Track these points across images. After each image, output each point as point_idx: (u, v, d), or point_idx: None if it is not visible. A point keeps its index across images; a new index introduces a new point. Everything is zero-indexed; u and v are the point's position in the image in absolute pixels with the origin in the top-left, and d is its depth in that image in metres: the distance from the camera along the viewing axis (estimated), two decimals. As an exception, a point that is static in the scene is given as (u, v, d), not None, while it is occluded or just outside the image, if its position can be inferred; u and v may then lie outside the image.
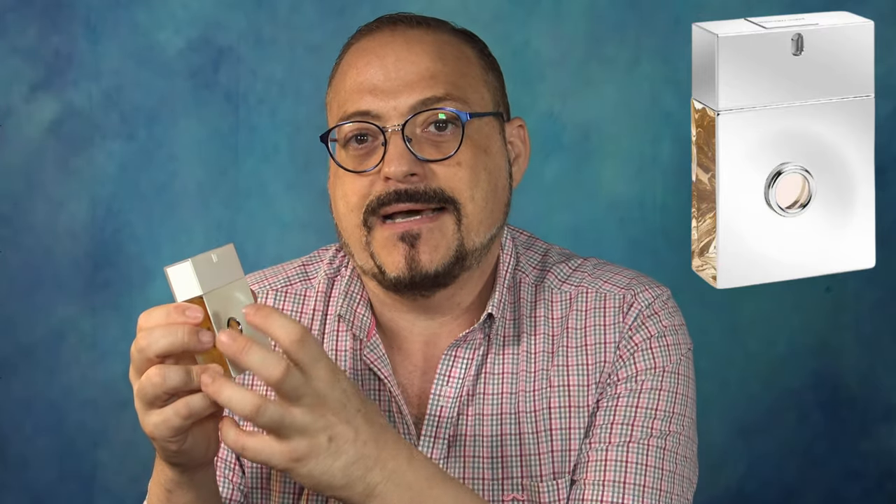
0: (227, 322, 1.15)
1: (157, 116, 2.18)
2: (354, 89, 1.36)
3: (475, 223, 1.35)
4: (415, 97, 1.34)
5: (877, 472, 2.31)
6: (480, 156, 1.36)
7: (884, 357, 2.28)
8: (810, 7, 1.35)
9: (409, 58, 1.36)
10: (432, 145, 1.35)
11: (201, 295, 1.14)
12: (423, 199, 1.33)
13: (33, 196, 2.18)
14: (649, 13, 2.18)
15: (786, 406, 2.28)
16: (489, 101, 1.40)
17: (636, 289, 1.42)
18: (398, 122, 1.33)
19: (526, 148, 1.46)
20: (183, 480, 1.24)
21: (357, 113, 1.35)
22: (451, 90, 1.35)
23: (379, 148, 1.35)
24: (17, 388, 2.20)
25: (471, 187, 1.35)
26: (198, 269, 1.15)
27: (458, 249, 1.35)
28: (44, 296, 2.19)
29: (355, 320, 1.41)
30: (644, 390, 1.37)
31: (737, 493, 2.28)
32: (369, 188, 1.35)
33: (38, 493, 2.22)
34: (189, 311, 1.13)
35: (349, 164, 1.36)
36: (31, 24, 2.15)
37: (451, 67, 1.37)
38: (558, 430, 1.37)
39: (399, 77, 1.35)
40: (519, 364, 1.39)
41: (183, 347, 1.13)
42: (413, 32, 1.38)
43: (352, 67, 1.38)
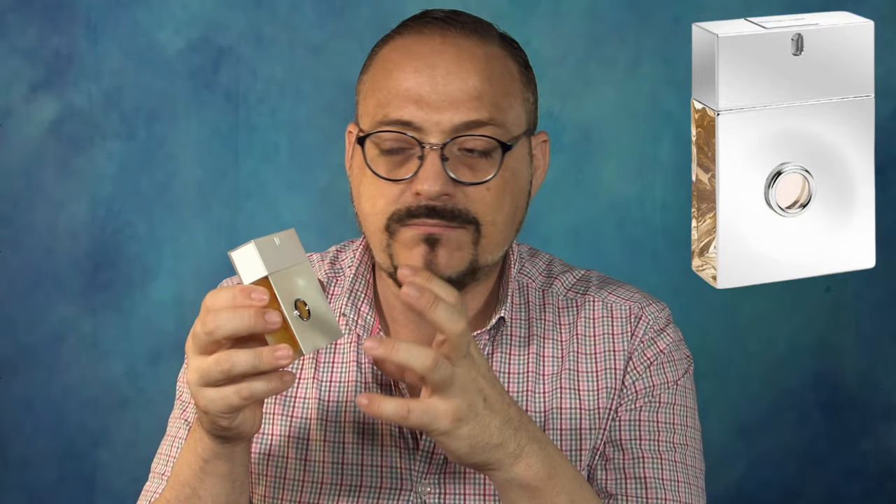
0: (294, 303, 1.16)
1: (157, 116, 2.18)
2: (399, 94, 1.35)
3: (491, 244, 1.37)
4: (459, 117, 1.34)
5: (877, 472, 2.31)
6: (509, 179, 1.37)
7: (884, 357, 2.28)
8: (810, 7, 1.35)
9: (458, 73, 1.35)
10: (467, 167, 1.35)
11: (267, 276, 1.15)
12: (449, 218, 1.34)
13: (33, 196, 2.18)
14: (649, 13, 2.18)
15: (786, 406, 2.28)
16: (524, 120, 1.40)
17: (641, 302, 1.45)
18: (438, 141, 1.33)
19: (545, 161, 1.47)
20: (223, 452, 1.25)
21: (398, 121, 1.34)
22: (495, 113, 1.35)
23: (414, 159, 1.34)
24: (17, 388, 2.20)
25: (494, 211, 1.36)
26: (261, 250, 1.15)
27: (472, 263, 1.36)
28: (44, 296, 2.19)
29: (359, 319, 1.42)
30: (662, 405, 1.41)
31: (737, 493, 2.28)
32: (399, 196, 1.34)
33: (38, 493, 2.22)
34: (255, 293, 1.14)
35: (381, 168, 1.36)
36: (31, 24, 2.16)
37: (496, 87, 1.37)
38: (568, 431, 1.39)
39: (446, 92, 1.34)
40: (528, 365, 1.41)
41: (250, 330, 1.14)
42: (465, 43, 1.37)
43: (397, 68, 1.37)
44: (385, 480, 1.37)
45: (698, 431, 1.43)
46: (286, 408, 1.41)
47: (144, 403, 2.20)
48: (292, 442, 1.40)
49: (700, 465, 1.42)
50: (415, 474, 1.36)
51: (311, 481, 1.39)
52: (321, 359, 1.42)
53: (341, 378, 1.41)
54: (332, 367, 1.42)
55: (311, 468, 1.39)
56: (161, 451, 1.46)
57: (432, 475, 1.36)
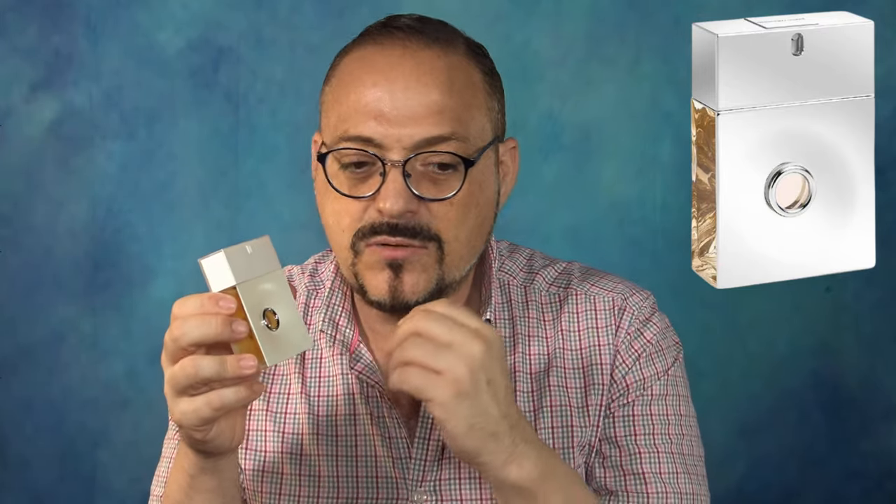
0: (262, 313, 1.16)
1: (157, 116, 2.18)
2: (358, 109, 1.33)
3: (456, 260, 1.35)
4: (420, 133, 1.31)
5: (877, 472, 2.31)
6: (475, 193, 1.35)
7: (884, 357, 2.28)
8: (810, 7, 1.35)
9: (417, 87, 1.32)
10: (431, 182, 1.33)
11: (234, 285, 1.15)
12: (411, 235, 1.32)
13: (33, 196, 2.18)
14: (649, 13, 2.18)
15: (786, 406, 2.28)
16: (489, 130, 1.37)
17: (625, 293, 1.43)
18: (399, 157, 1.31)
19: (515, 166, 1.44)
20: (206, 466, 1.25)
21: (359, 138, 1.32)
22: (457, 128, 1.32)
23: (376, 175, 1.32)
24: (17, 388, 2.20)
25: (457, 227, 1.33)
26: (231, 259, 1.16)
27: (438, 282, 1.34)
28: (44, 296, 2.19)
29: (337, 334, 1.41)
30: (655, 397, 1.39)
31: (737, 494, 2.28)
32: (362, 213, 1.33)
33: (38, 493, 2.22)
34: (223, 301, 1.15)
35: (344, 184, 1.34)
36: (31, 24, 2.16)
37: (458, 100, 1.33)
38: (559, 429, 1.38)
39: (407, 107, 1.31)
40: (514, 364, 1.40)
41: (216, 338, 1.15)
42: (425, 54, 1.34)
43: (357, 81, 1.34)
44: (381, 491, 1.36)
45: (693, 418, 1.42)
46: (277, 424, 1.41)
47: (144, 403, 2.20)
48: (286, 458, 1.40)
49: (698, 452, 1.40)
50: (410, 483, 1.36)
51: (307, 496, 1.39)
52: (308, 374, 1.41)
53: (329, 392, 1.40)
54: (320, 382, 1.41)
55: (306, 483, 1.39)
56: (158, 472, 1.45)
57: (427, 483, 1.36)
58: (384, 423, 1.38)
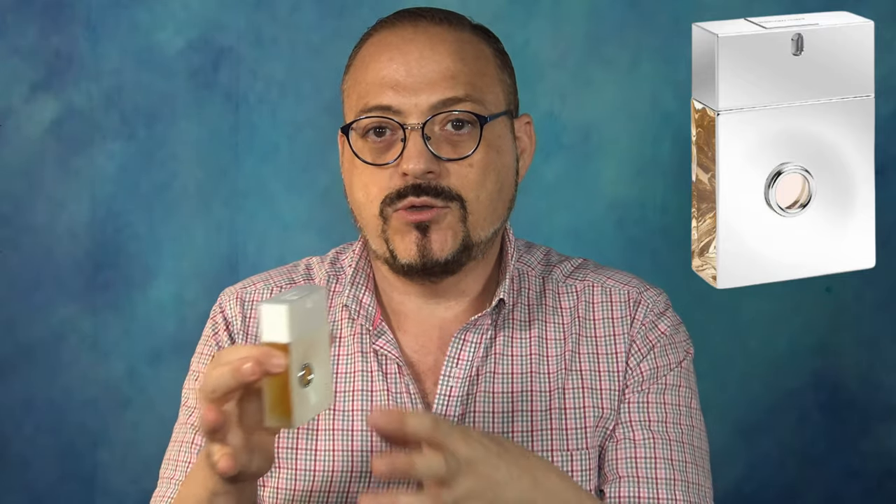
0: (303, 366, 1.17)
1: (157, 116, 2.18)
2: (376, 83, 1.40)
3: (479, 219, 1.41)
4: (436, 96, 1.39)
5: (877, 472, 2.31)
6: (492, 155, 1.41)
7: (884, 357, 2.28)
8: (810, 7, 1.35)
9: (431, 56, 1.40)
10: (449, 144, 1.40)
11: (288, 343, 1.15)
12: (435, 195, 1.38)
13: (33, 196, 2.18)
14: (649, 13, 2.18)
15: (786, 406, 2.28)
16: (503, 100, 1.45)
17: (639, 287, 1.50)
18: (418, 121, 1.38)
19: (532, 143, 1.51)
20: (231, 489, 1.25)
21: (378, 107, 1.39)
22: (471, 91, 1.40)
23: (398, 142, 1.39)
24: (17, 388, 2.20)
25: (477, 187, 1.40)
26: (292, 315, 1.15)
27: (465, 241, 1.40)
28: (44, 296, 2.19)
29: (361, 309, 1.46)
30: (668, 386, 1.44)
31: (736, 494, 2.28)
32: (388, 181, 1.39)
33: (38, 493, 2.22)
34: (275, 358, 1.15)
35: (368, 155, 1.41)
36: (31, 24, 2.15)
37: (471, 67, 1.41)
38: (572, 410, 1.43)
39: (421, 74, 1.39)
40: (531, 348, 1.45)
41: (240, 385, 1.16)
42: (435, 30, 1.42)
43: (373, 60, 1.42)
44: None
45: (701, 414, 1.47)
46: None
47: (144, 403, 2.20)
48: (301, 433, 1.43)
49: (705, 447, 1.45)
50: None
51: (321, 470, 1.42)
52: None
53: (347, 369, 1.45)
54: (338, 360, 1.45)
55: (321, 457, 1.42)
56: (168, 456, 1.47)
57: None
58: (402, 399, 1.42)
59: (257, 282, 1.53)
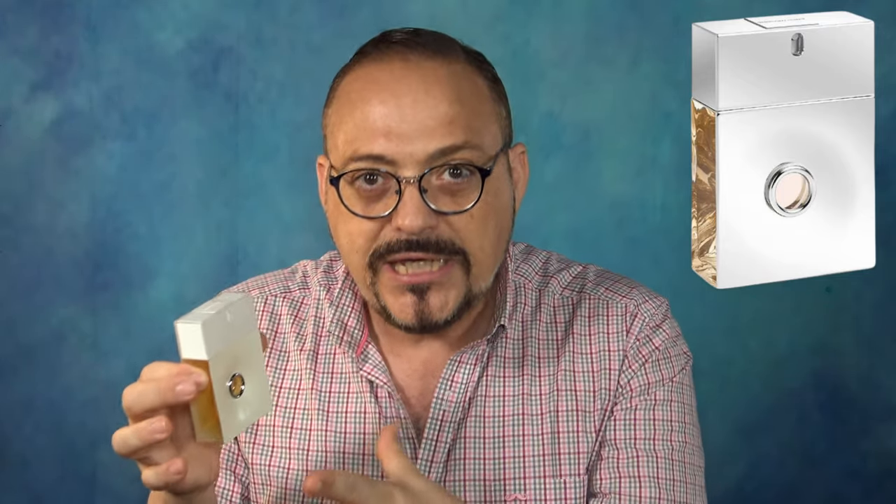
0: (231, 376, 1.15)
1: (157, 116, 2.18)
2: (366, 127, 1.30)
3: (483, 270, 1.33)
4: (433, 144, 1.28)
5: (877, 472, 2.31)
6: (492, 203, 1.33)
7: (884, 357, 2.28)
8: (810, 7, 1.35)
9: (426, 100, 1.29)
10: (447, 194, 1.30)
11: (206, 360, 1.13)
12: (434, 250, 1.30)
13: (33, 196, 2.18)
14: (649, 13, 2.18)
15: (786, 406, 2.28)
16: (500, 137, 1.35)
17: (638, 299, 1.42)
18: (414, 173, 1.28)
19: (525, 172, 1.43)
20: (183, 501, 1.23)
21: (369, 156, 1.29)
22: (469, 136, 1.30)
23: (390, 193, 1.29)
24: (17, 388, 2.20)
25: (480, 237, 1.31)
26: (207, 332, 1.12)
27: (467, 295, 1.33)
28: (44, 296, 2.19)
29: (344, 335, 1.40)
30: (658, 402, 1.38)
31: (737, 493, 2.28)
32: (378, 232, 1.30)
33: (38, 493, 2.22)
34: (194, 375, 1.12)
35: (357, 204, 1.31)
36: (31, 24, 2.16)
37: (468, 108, 1.31)
38: (565, 433, 1.38)
39: (416, 120, 1.28)
40: (524, 368, 1.39)
41: (163, 405, 1.15)
42: (428, 65, 1.31)
43: (362, 100, 1.31)
44: None
45: (696, 428, 1.41)
46: (286, 419, 1.41)
47: (144, 403, 2.20)
48: (294, 453, 1.40)
49: (699, 463, 1.40)
50: None
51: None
52: (319, 370, 1.41)
53: (340, 389, 1.41)
54: (331, 378, 1.41)
55: None
56: None
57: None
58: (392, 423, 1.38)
59: (253, 289, 1.48)
